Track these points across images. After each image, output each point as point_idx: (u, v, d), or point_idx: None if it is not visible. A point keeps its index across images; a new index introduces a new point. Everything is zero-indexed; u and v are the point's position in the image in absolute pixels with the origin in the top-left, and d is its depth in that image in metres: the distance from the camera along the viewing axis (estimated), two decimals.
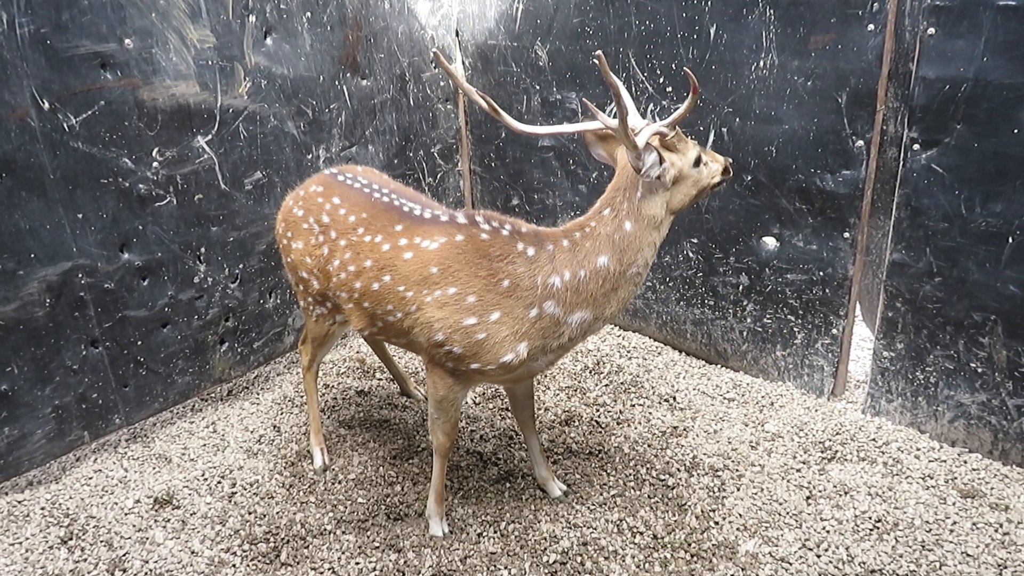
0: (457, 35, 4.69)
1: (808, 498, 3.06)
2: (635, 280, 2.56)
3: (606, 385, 3.97)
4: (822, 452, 3.33)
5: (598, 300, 2.54)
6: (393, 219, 2.73)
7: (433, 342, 2.57)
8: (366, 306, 2.73)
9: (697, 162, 2.53)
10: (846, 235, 3.43)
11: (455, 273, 2.53)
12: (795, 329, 3.74)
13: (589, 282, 2.50)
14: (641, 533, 2.90)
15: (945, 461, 3.23)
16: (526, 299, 2.49)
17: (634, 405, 3.78)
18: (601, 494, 3.14)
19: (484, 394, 3.92)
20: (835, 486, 3.11)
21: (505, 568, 2.76)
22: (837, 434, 3.43)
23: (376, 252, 2.68)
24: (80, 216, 3.18)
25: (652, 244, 2.54)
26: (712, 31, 3.53)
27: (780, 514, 2.98)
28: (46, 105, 3.00)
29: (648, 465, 3.30)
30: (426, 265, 2.57)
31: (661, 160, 2.41)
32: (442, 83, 4.72)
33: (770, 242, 3.69)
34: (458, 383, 2.68)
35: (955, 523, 2.87)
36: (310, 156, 4.03)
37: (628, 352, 4.31)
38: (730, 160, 2.64)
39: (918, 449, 3.32)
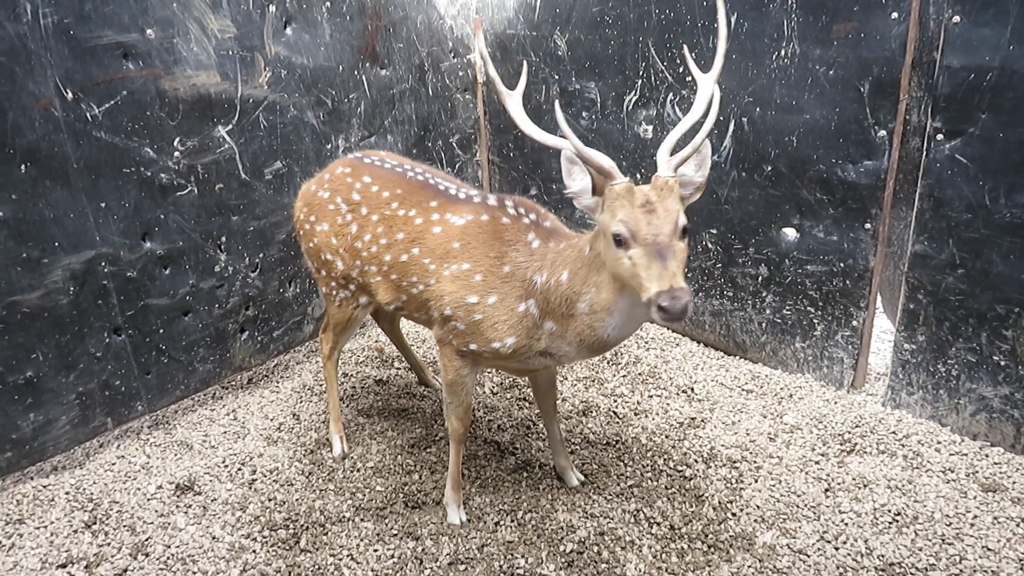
0: None
1: (827, 490, 3.04)
2: (585, 321, 2.37)
3: (624, 376, 3.96)
4: (841, 444, 3.31)
5: (558, 318, 2.45)
6: (429, 195, 2.80)
7: (443, 316, 2.63)
8: (393, 278, 2.79)
9: (617, 241, 2.10)
10: (867, 226, 3.39)
11: (472, 250, 2.58)
12: (815, 321, 3.72)
13: (552, 292, 2.42)
14: (658, 524, 2.91)
15: (966, 455, 3.20)
16: (517, 290, 2.51)
17: (652, 396, 3.77)
18: (618, 484, 3.14)
19: (502, 384, 3.93)
20: (854, 479, 3.09)
21: (522, 557, 2.77)
22: (857, 426, 3.41)
23: (409, 225, 2.75)
24: (103, 205, 3.22)
25: (597, 287, 2.30)
26: (733, 20, 3.50)
27: (798, 506, 2.96)
28: (69, 95, 3.03)
29: (665, 456, 3.29)
30: (450, 240, 2.63)
31: (595, 190, 2.20)
32: (460, 73, 4.72)
33: (790, 233, 3.67)
34: (465, 365, 2.71)
35: (976, 517, 2.85)
36: (329, 146, 4.05)
37: (646, 343, 4.30)
38: (677, 302, 1.97)
39: (939, 442, 3.29)
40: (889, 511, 2.90)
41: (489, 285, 2.54)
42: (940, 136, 3.04)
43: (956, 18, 2.89)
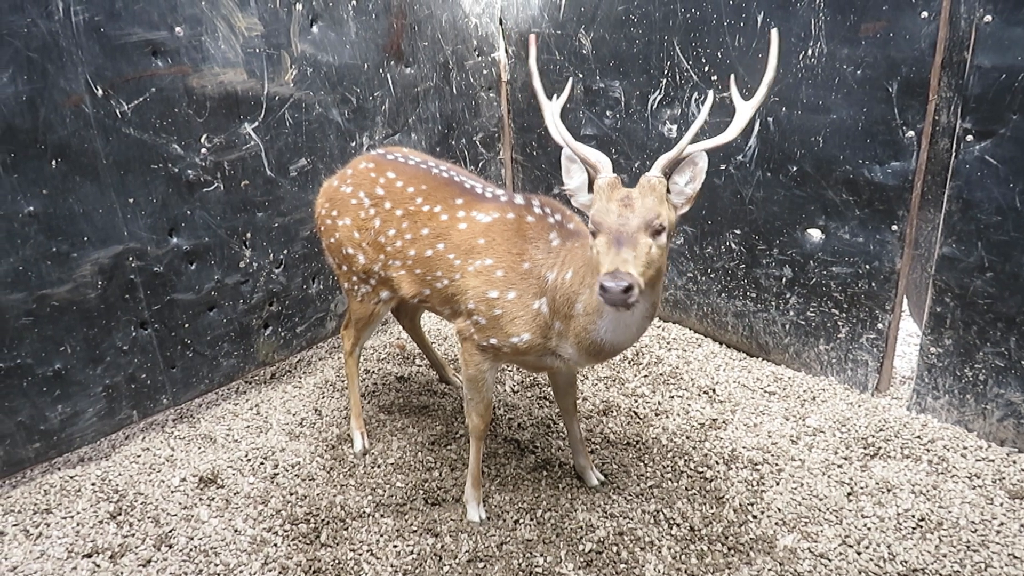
0: (501, 23, 4.68)
1: (849, 494, 3.01)
2: (581, 322, 2.39)
3: (645, 376, 3.95)
4: (865, 448, 3.27)
5: (562, 318, 2.46)
6: (454, 192, 2.83)
7: (467, 310, 2.66)
8: (418, 272, 2.83)
9: (593, 232, 2.17)
10: (894, 228, 3.35)
11: (496, 247, 2.61)
12: (839, 323, 3.68)
13: (558, 291, 2.45)
14: (678, 525, 2.89)
15: (993, 460, 3.16)
16: (534, 287, 2.53)
17: (673, 396, 3.75)
18: (638, 485, 3.13)
19: (522, 382, 3.94)
20: (877, 483, 3.06)
21: (541, 555, 2.77)
22: (881, 430, 3.37)
23: (434, 221, 2.78)
24: (131, 200, 3.26)
25: (591, 288, 2.30)
26: (759, 18, 3.47)
27: (820, 510, 2.94)
28: (100, 91, 3.07)
29: (686, 457, 3.28)
30: (475, 236, 2.66)
31: (591, 187, 2.26)
32: (485, 71, 4.72)
33: (815, 234, 3.63)
34: (485, 360, 2.73)
35: (1002, 524, 2.81)
36: (354, 143, 4.07)
37: (668, 343, 4.28)
38: (617, 282, 1.98)
39: (965, 448, 3.24)
40: (913, 516, 2.87)
41: (509, 281, 2.56)
42: (970, 137, 3.00)
43: (988, 17, 2.85)
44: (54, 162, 3.00)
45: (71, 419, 3.30)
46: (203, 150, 3.45)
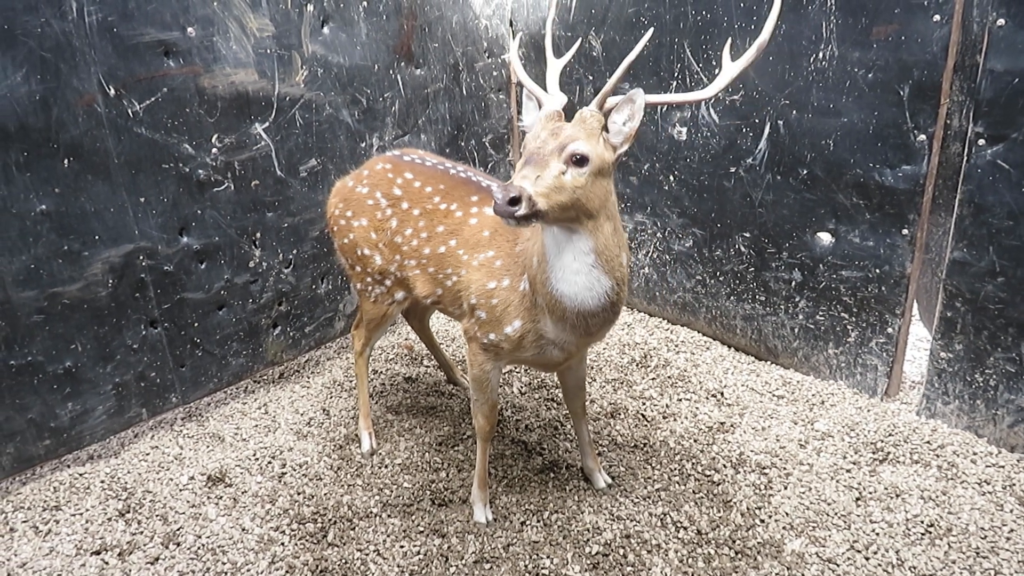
0: (511, 25, 4.69)
1: (858, 499, 3.00)
2: (540, 278, 2.39)
3: (653, 379, 3.94)
4: (873, 453, 3.26)
5: (532, 283, 2.46)
6: (470, 191, 2.86)
7: (470, 306, 2.67)
8: (431, 271, 2.84)
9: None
10: (905, 232, 3.34)
11: (497, 237, 2.63)
12: (849, 327, 3.66)
13: (527, 255, 2.47)
14: (685, 528, 2.89)
15: (1003, 467, 3.14)
16: (520, 268, 2.54)
17: (681, 400, 3.75)
18: (645, 487, 3.13)
19: (530, 384, 3.94)
20: (886, 488, 3.04)
21: (547, 557, 2.77)
22: (890, 435, 3.36)
23: (449, 218, 2.81)
24: (142, 200, 3.28)
25: (540, 250, 2.39)
26: None
27: (828, 514, 2.93)
28: (112, 91, 3.09)
29: (694, 460, 3.27)
30: (482, 229, 2.68)
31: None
32: (495, 73, 4.73)
33: (825, 237, 3.62)
34: (488, 360, 2.73)
35: (1012, 531, 2.79)
36: (364, 144, 4.08)
37: (676, 346, 4.27)
38: (504, 193, 2.05)
39: (975, 453, 3.22)
40: (922, 522, 2.85)
41: (505, 267, 2.58)
42: (982, 141, 2.99)
43: (1000, 21, 2.83)
44: (66, 161, 3.02)
45: (81, 417, 3.32)
46: (214, 150, 3.46)
